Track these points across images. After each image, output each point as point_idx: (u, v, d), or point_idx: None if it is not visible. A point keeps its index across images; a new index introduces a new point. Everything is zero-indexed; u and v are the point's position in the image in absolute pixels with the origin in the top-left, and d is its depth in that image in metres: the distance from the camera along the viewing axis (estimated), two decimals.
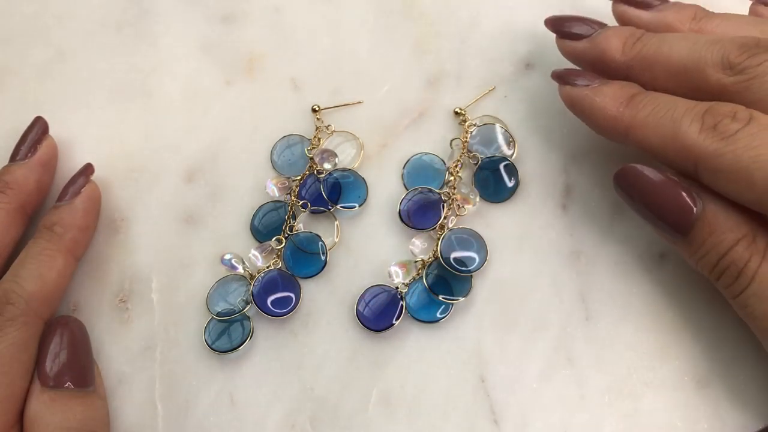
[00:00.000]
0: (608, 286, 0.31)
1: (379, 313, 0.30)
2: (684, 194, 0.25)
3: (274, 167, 0.33)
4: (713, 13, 0.30)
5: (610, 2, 0.32)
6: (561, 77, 0.30)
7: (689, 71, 0.27)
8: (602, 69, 0.30)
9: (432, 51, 0.35)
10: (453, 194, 0.32)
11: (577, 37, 0.30)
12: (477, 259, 0.31)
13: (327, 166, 0.33)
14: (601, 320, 0.30)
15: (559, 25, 0.31)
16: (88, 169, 0.32)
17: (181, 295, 0.31)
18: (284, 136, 0.34)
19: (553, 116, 0.34)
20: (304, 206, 0.32)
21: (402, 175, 0.33)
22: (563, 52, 0.31)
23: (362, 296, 0.30)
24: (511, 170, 0.32)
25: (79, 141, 0.34)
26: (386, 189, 0.33)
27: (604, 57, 0.29)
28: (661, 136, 0.26)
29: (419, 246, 0.31)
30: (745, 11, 0.32)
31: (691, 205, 0.25)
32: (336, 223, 0.32)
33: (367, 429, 0.29)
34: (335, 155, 0.33)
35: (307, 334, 0.30)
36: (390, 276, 0.31)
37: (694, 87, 0.27)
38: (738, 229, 0.25)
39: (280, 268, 0.31)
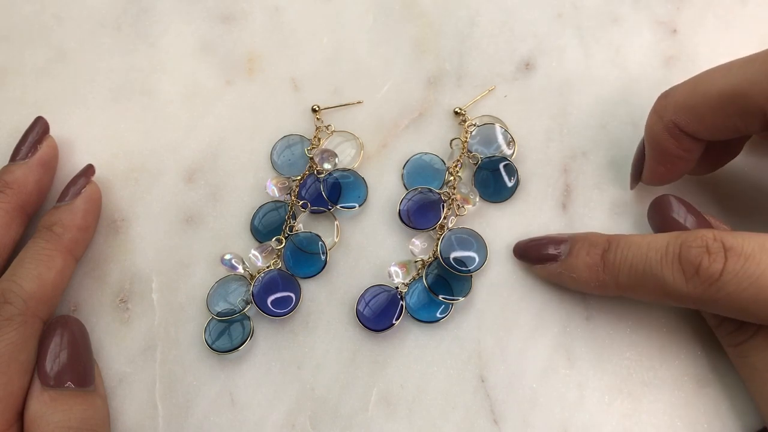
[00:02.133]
0: None
1: (379, 313, 0.30)
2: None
3: (274, 167, 0.33)
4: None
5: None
6: (526, 258, 0.31)
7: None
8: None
9: (432, 51, 0.35)
10: (453, 194, 0.32)
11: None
12: (477, 259, 0.31)
13: (327, 166, 0.33)
14: (601, 320, 0.30)
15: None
16: (89, 170, 0.32)
17: (182, 295, 0.31)
18: (284, 136, 0.34)
19: (553, 116, 0.34)
20: (304, 206, 0.32)
21: (402, 175, 0.33)
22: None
23: (362, 296, 0.30)
24: (511, 170, 0.32)
25: (79, 141, 0.34)
26: (386, 189, 0.33)
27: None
28: (650, 293, 0.26)
29: (419, 246, 0.31)
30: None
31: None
32: (336, 223, 0.32)
33: (367, 429, 0.29)
34: (335, 155, 0.33)
35: (307, 334, 0.30)
36: (390, 276, 0.31)
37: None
38: None
39: (280, 268, 0.31)
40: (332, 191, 0.32)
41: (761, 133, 0.27)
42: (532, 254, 0.30)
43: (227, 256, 0.31)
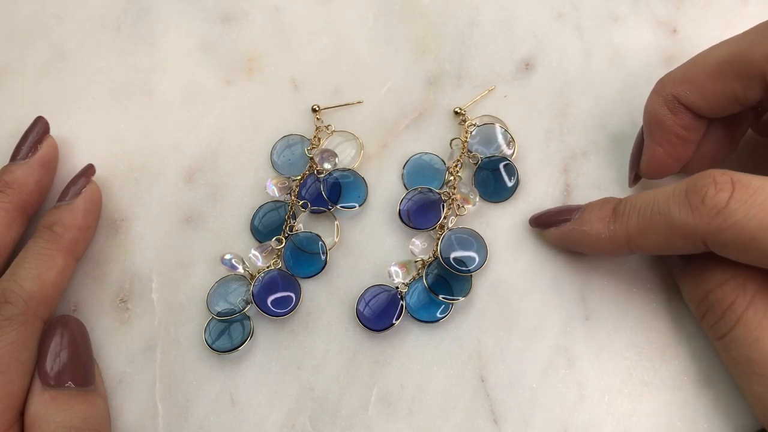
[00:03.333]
0: (608, 286, 0.31)
1: (379, 313, 0.30)
2: None
3: (274, 167, 0.33)
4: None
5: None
6: (541, 223, 0.31)
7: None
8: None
9: (432, 51, 0.35)
10: (453, 194, 0.32)
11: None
12: (477, 259, 0.31)
13: (327, 166, 0.33)
14: (601, 320, 0.30)
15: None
16: (89, 170, 0.32)
17: (182, 295, 0.31)
18: (284, 136, 0.34)
19: (553, 116, 0.34)
20: (304, 206, 0.32)
21: (402, 174, 0.33)
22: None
23: (362, 296, 0.30)
24: (511, 170, 0.32)
25: (79, 141, 0.34)
26: (386, 189, 0.33)
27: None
28: (659, 233, 0.26)
29: (419, 246, 0.31)
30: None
31: None
32: (336, 223, 0.32)
33: (367, 429, 0.29)
34: (335, 155, 0.33)
35: (307, 334, 0.30)
36: (390, 276, 0.31)
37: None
38: (729, 270, 0.25)
39: (280, 268, 0.31)
40: (332, 191, 0.32)
41: (761, 100, 0.26)
42: (548, 219, 0.31)
43: (227, 256, 0.31)
